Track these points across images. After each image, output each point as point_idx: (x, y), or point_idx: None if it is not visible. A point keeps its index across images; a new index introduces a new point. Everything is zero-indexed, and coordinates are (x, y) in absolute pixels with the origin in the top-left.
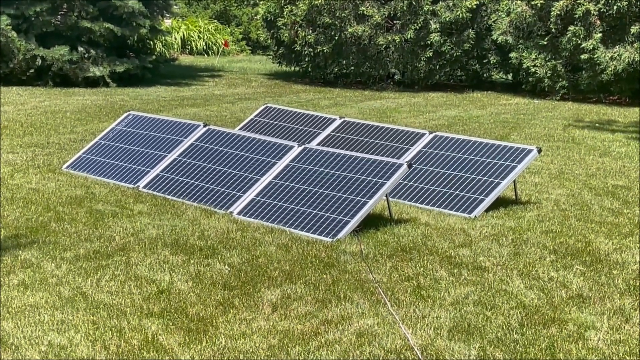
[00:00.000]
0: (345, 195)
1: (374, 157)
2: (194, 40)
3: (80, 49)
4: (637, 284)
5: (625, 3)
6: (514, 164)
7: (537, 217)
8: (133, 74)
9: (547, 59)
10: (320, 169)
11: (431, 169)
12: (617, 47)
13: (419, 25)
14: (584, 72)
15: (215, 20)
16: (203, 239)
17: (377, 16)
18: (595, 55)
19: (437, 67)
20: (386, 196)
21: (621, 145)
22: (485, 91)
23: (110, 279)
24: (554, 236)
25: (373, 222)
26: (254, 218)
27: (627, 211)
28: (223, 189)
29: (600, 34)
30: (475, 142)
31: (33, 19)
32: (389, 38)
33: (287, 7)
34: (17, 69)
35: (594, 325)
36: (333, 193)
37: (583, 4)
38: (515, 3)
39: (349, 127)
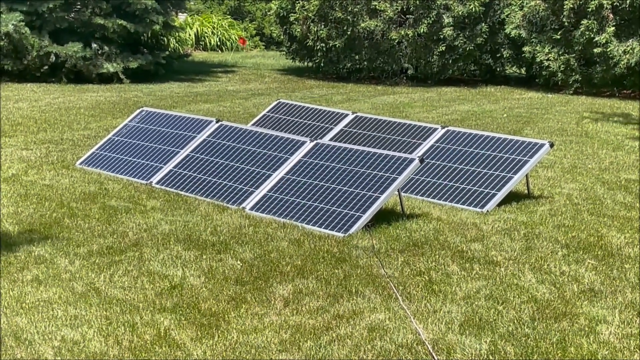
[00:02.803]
0: (357, 191)
1: (386, 152)
2: (207, 36)
3: (93, 45)
4: None
5: None
6: (526, 158)
7: (550, 212)
8: (146, 70)
9: (560, 53)
10: (333, 164)
11: (443, 163)
12: (630, 40)
13: (432, 19)
14: (597, 65)
15: (229, 16)
16: (215, 234)
17: (389, 11)
18: (608, 49)
19: (450, 61)
20: (398, 191)
21: (635, 139)
22: (498, 85)
23: (123, 274)
24: (566, 230)
25: (385, 217)
26: (266, 213)
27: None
28: (235, 185)
29: (613, 28)
30: (487, 137)
31: (46, 15)
32: (402, 32)
33: (299, 3)
34: (31, 65)
35: (606, 319)
36: (345, 188)
37: None
38: None
39: (361, 122)
